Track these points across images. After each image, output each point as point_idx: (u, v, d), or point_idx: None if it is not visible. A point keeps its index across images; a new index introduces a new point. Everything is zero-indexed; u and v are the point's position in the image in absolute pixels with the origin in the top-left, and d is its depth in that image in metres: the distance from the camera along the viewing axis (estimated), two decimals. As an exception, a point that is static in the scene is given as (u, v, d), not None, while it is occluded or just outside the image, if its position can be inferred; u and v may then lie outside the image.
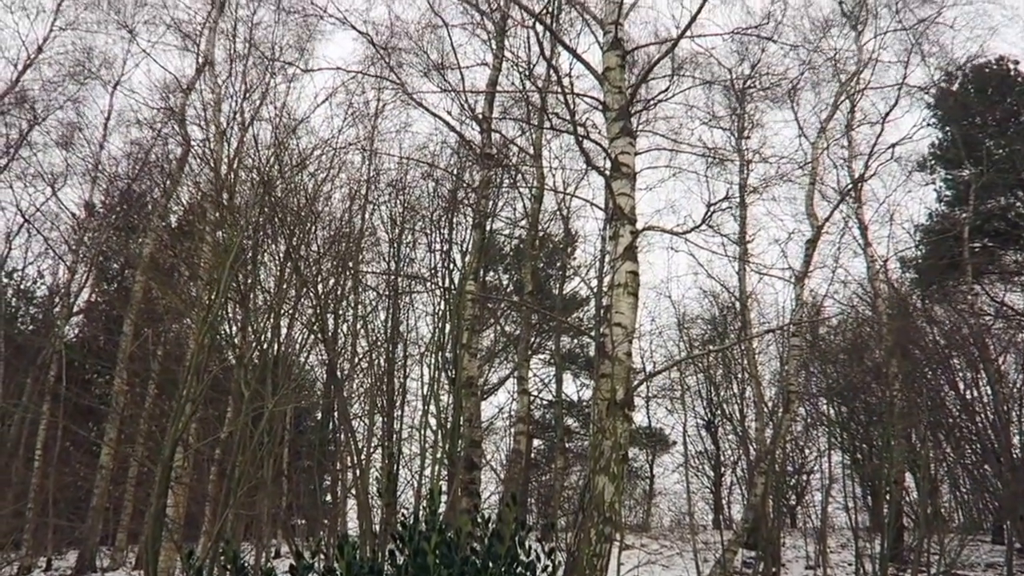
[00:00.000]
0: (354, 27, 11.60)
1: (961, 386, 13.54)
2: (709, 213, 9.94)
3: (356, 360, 13.26)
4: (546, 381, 21.07)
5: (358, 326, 13.43)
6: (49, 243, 18.66)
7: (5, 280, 20.12)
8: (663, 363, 18.19)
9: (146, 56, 17.59)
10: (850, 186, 16.59)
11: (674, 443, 22.09)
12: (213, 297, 9.69)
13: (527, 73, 12.34)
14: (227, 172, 12.91)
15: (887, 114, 16.77)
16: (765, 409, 15.90)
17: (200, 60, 16.66)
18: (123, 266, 19.68)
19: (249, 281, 11.24)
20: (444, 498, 11.07)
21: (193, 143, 14.90)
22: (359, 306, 13.34)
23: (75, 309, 19.03)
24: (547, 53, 10.72)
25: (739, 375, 16.24)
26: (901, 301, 17.09)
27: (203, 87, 16.33)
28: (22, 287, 20.66)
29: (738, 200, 15.97)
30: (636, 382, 10.18)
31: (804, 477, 17.63)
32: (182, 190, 14.72)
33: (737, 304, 17.04)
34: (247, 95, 13.48)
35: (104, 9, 18.05)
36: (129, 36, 18.10)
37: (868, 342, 15.73)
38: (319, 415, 16.03)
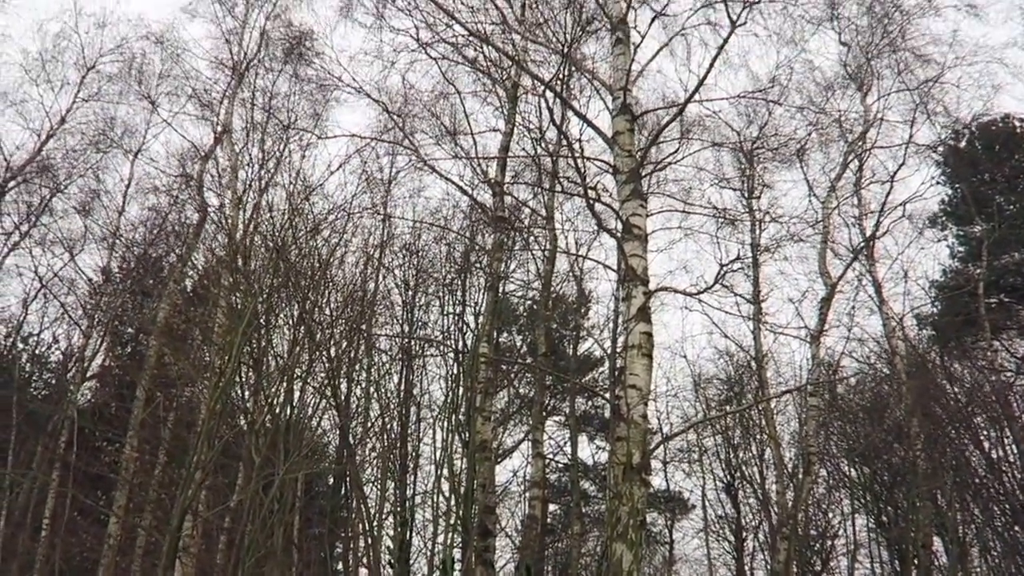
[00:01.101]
0: (369, 95, 11.89)
1: (986, 445, 13.23)
2: (722, 273, 9.91)
3: (369, 424, 13.16)
4: (561, 444, 20.77)
5: (371, 390, 13.37)
6: (65, 308, 18.81)
7: (20, 346, 20.26)
8: (680, 425, 17.93)
9: (166, 126, 18.07)
10: (862, 244, 16.59)
11: (693, 507, 21.62)
12: (226, 362, 9.70)
13: (538, 138, 12.56)
14: (242, 237, 13.09)
15: (896, 172, 16.86)
16: (785, 471, 15.57)
17: (218, 129, 17.08)
18: (137, 331, 19.78)
19: (262, 345, 11.26)
20: (458, 567, 10.80)
21: (209, 209, 15.16)
22: (372, 370, 13.31)
23: (88, 374, 19.06)
24: (557, 119, 10.92)
25: (758, 436, 15.97)
26: (919, 359, 16.87)
27: (221, 155, 16.73)
28: (37, 352, 20.77)
29: (750, 260, 15.98)
30: (653, 445, 10.00)
31: (829, 542, 17.12)
32: (198, 255, 14.90)
33: (753, 364, 16.87)
34: (263, 162, 13.75)
35: (127, 81, 18.67)
36: (151, 106, 18.63)
37: (888, 401, 15.48)
38: (331, 481, 15.80)
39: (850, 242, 17.18)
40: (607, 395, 15.63)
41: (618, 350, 14.47)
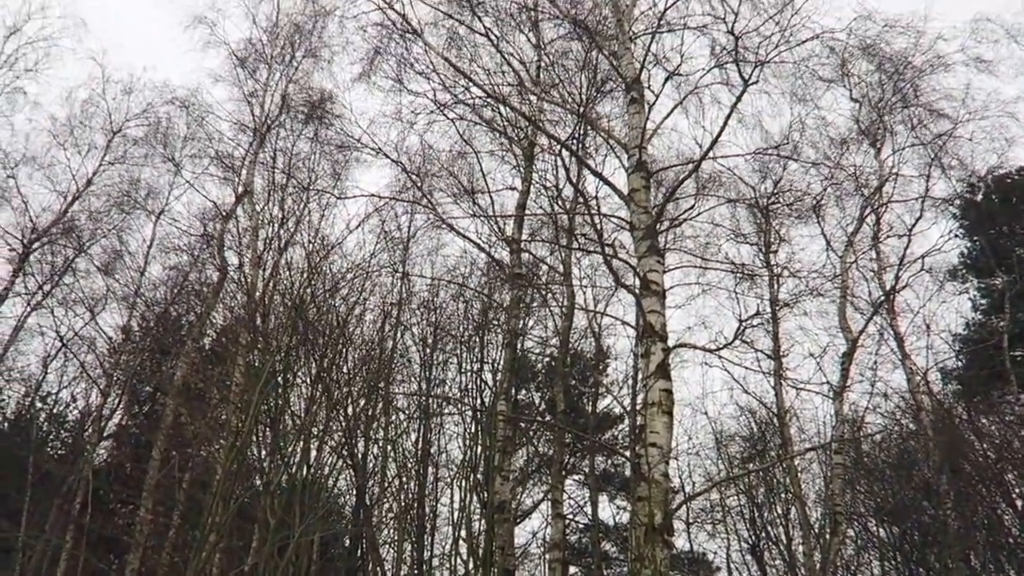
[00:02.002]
0: (388, 156, 12.11)
1: (1019, 503, 12.82)
2: (741, 329, 9.84)
3: (386, 484, 12.99)
4: (581, 504, 20.37)
5: (388, 449, 13.24)
6: (84, 367, 18.91)
7: (39, 405, 20.32)
8: (702, 484, 17.56)
9: (189, 187, 18.45)
10: (882, 298, 16.44)
11: (718, 569, 20.98)
12: (243, 422, 9.67)
13: (555, 196, 12.68)
14: (261, 296, 13.19)
15: (913, 226, 16.81)
16: (812, 531, 15.14)
17: (240, 189, 17.40)
18: (155, 390, 19.81)
19: (279, 404, 11.22)
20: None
21: (229, 268, 15.31)
22: (389, 428, 13.20)
23: (105, 434, 19.04)
24: (574, 177, 11.04)
25: (783, 495, 15.59)
26: (946, 414, 16.51)
27: (241, 214, 17.01)
28: (54, 412, 20.82)
29: (769, 315, 15.86)
30: (675, 505, 9.78)
31: (859, 606, 16.54)
32: (217, 314, 15.00)
33: (775, 420, 16.58)
34: (283, 221, 13.95)
35: (151, 144, 19.15)
36: (174, 168, 19.05)
37: (915, 458, 15.10)
38: (347, 543, 15.53)
39: (869, 296, 17.03)
40: (627, 453, 15.37)
41: (638, 407, 14.29)
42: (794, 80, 12.87)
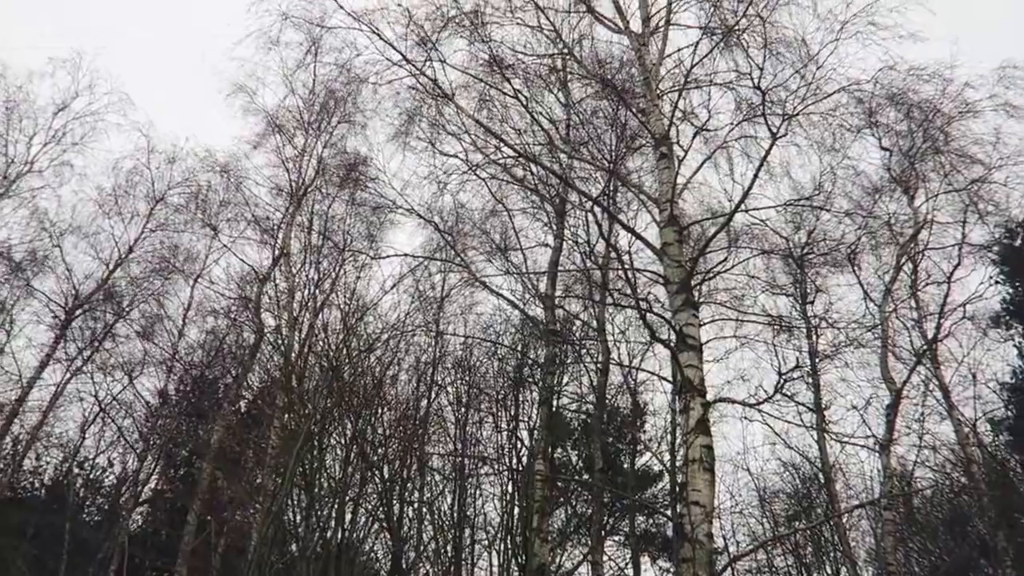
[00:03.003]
0: (421, 216, 12.28)
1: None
2: (782, 382, 9.65)
3: (421, 547, 12.77)
4: (622, 565, 19.77)
5: (424, 511, 13.06)
6: (121, 431, 19.08)
7: (76, 471, 20.47)
8: (748, 544, 16.98)
9: (227, 251, 18.84)
10: (924, 348, 16.05)
11: (765, 634, 20.09)
12: (278, 486, 9.62)
13: (587, 252, 12.70)
14: (297, 357, 13.28)
15: (952, 273, 16.50)
16: (865, 593, 14.51)
17: (276, 252, 17.72)
18: (190, 454, 19.88)
19: (314, 466, 11.17)
20: None
21: (266, 330, 15.48)
22: (424, 489, 13.05)
23: (141, 499, 19.07)
24: (606, 232, 11.08)
25: (832, 554, 15.00)
26: (999, 466, 15.89)
27: (278, 277, 17.27)
28: (91, 477, 20.94)
29: (808, 367, 15.54)
30: (720, 566, 9.46)
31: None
32: (253, 376, 15.11)
33: (821, 476, 16.07)
34: (319, 283, 14.13)
35: (191, 210, 19.68)
36: (212, 233, 19.51)
37: (969, 513, 14.49)
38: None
39: (912, 345, 16.64)
40: (669, 513, 14.98)
41: (678, 464, 13.97)
42: (822, 131, 12.89)
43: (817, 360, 15.62)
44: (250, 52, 22.87)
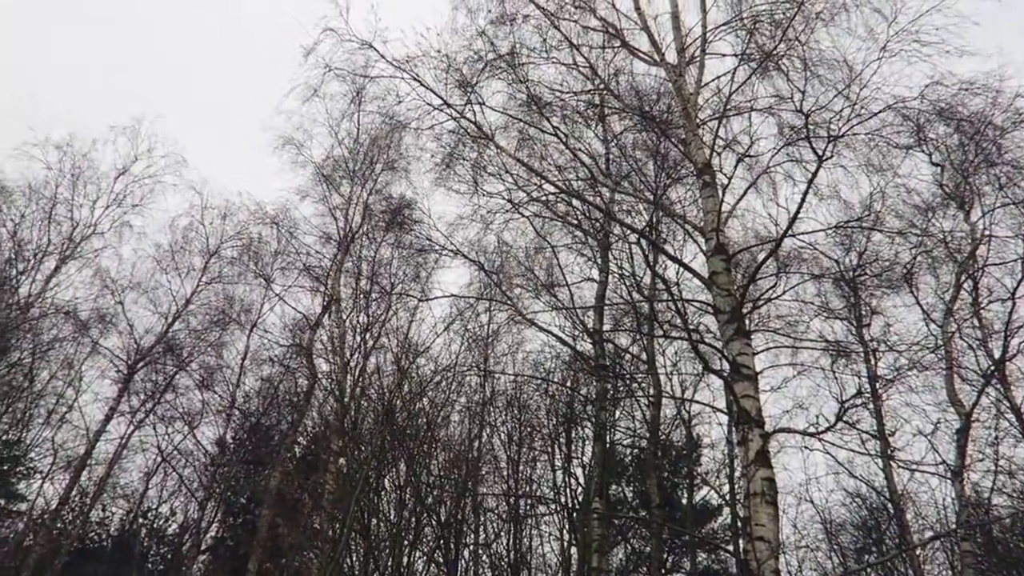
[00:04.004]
0: (467, 257, 12.38)
1: None
2: (843, 410, 9.36)
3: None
4: (684, 604, 19.21)
5: (480, 552, 12.94)
6: (183, 480, 19.49)
7: (140, 520, 20.90)
8: (816, 580, 16.33)
9: (280, 300, 19.31)
10: (992, 368, 15.40)
11: (841, 675, 19.19)
12: (337, 531, 9.66)
13: (634, 285, 12.62)
14: (349, 400, 13.42)
15: (1016, 289, 15.84)
16: (946, 630, 13.78)
17: (326, 298, 18.07)
18: (249, 501, 20.13)
19: (371, 510, 11.19)
20: None
21: (319, 376, 15.72)
22: (480, 531, 12.95)
23: (203, 547, 19.34)
24: (652, 264, 11.02)
25: (907, 589, 14.33)
26: (1083, 491, 15.05)
27: (329, 322, 17.59)
28: (155, 526, 21.35)
29: (869, 393, 15.04)
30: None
31: None
32: (308, 420, 15.31)
33: (890, 506, 15.44)
34: (369, 327, 14.32)
35: (245, 262, 20.30)
36: (265, 283, 20.04)
37: (1054, 542, 13.72)
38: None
39: (978, 366, 15.98)
40: (731, 548, 14.55)
41: (738, 498, 13.60)
42: (868, 150, 12.66)
43: (878, 385, 15.11)
44: (296, 104, 23.65)
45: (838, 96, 9.51)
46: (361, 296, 15.57)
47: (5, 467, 17.30)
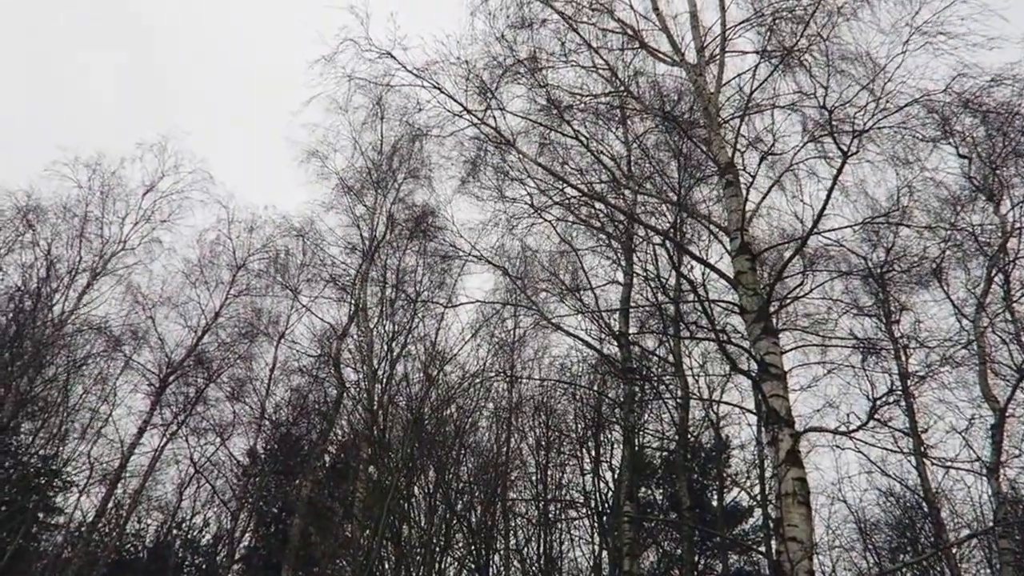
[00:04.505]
0: (490, 262, 12.43)
1: None
2: (875, 408, 9.26)
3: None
4: (717, 607, 19.02)
5: (510, 557, 12.95)
6: (215, 491, 19.72)
7: (175, 531, 21.16)
8: (851, 580, 16.11)
9: (307, 311, 19.53)
10: (1025, 363, 15.11)
11: (879, 677, 18.88)
12: (369, 539, 9.72)
13: (659, 286, 12.59)
14: (377, 408, 13.51)
15: (1048, 281, 15.57)
16: (987, 630, 13.52)
17: (352, 308, 18.22)
18: (280, 510, 20.31)
19: (402, 516, 11.25)
20: None
21: (347, 384, 15.84)
22: (510, 536, 12.96)
23: (236, 556, 19.53)
24: (677, 265, 10.98)
25: (945, 589, 14.09)
26: (1125, 486, 14.72)
27: (356, 331, 17.73)
28: (189, 536, 21.61)
29: (900, 390, 14.83)
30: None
31: None
32: (337, 430, 15.43)
33: (924, 504, 15.20)
34: (395, 335, 14.42)
35: (271, 274, 20.55)
36: (292, 295, 20.26)
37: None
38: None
39: (1012, 361, 15.69)
40: (763, 550, 14.41)
41: (769, 499, 13.47)
42: (894, 144, 12.52)
43: (909, 382, 14.89)
44: (319, 116, 23.94)
45: (862, 91, 9.43)
46: (387, 305, 15.68)
47: (43, 481, 17.60)
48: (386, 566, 11.22)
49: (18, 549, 15.70)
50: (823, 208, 9.19)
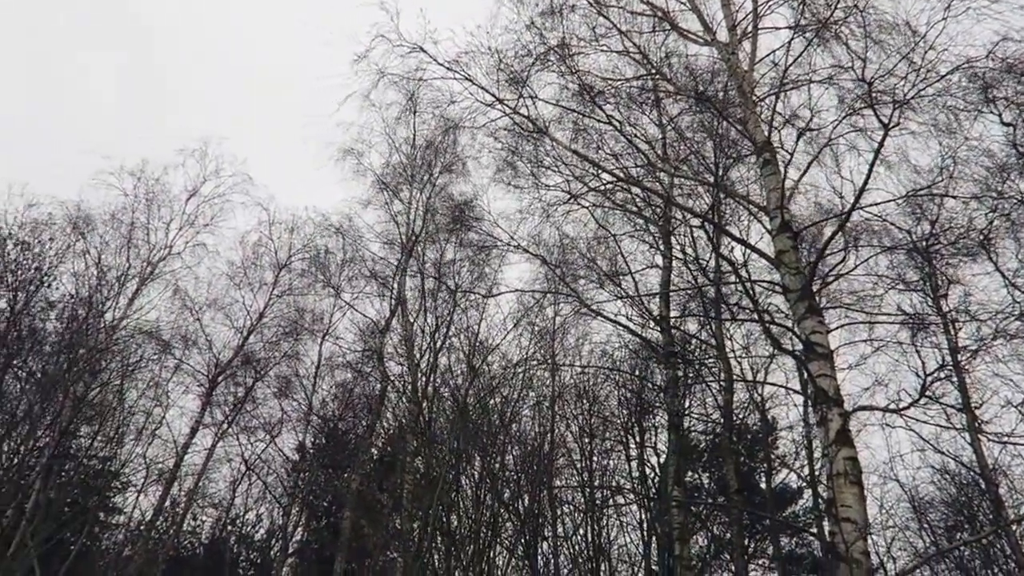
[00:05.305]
0: (527, 251, 12.45)
1: None
2: (927, 385, 9.08)
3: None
4: (770, 590, 18.89)
5: (558, 544, 13.00)
6: (267, 487, 20.14)
7: (229, 528, 21.69)
8: (906, 561, 15.84)
9: (349, 308, 19.79)
10: (1083, 333, 14.63)
11: (939, 657, 18.55)
12: (421, 530, 9.85)
13: (699, 268, 12.48)
14: (422, 400, 13.66)
15: (1103, 248, 15.04)
16: (1050, 608, 13.17)
17: (393, 302, 18.42)
18: (330, 504, 20.66)
19: (450, 506, 11.37)
20: None
21: (391, 377, 16.04)
22: (558, 524, 13.01)
23: (290, 550, 19.93)
24: (716, 246, 10.88)
25: (1004, 566, 13.77)
26: None
27: (397, 325, 17.93)
28: (243, 532, 22.12)
29: (952, 365, 14.49)
30: (882, 586, 8.92)
31: None
32: (383, 423, 15.63)
33: (981, 481, 14.86)
34: (437, 328, 14.53)
35: (313, 274, 20.87)
36: (334, 293, 20.55)
37: None
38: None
39: (1067, 331, 15.21)
40: (814, 530, 14.24)
41: (819, 479, 13.30)
42: (937, 112, 12.19)
43: (960, 357, 14.54)
44: (353, 114, 24.17)
45: (902, 61, 9.21)
46: (427, 297, 15.82)
47: (102, 482, 18.16)
48: (436, 557, 11.35)
49: (82, 548, 16.23)
50: (865, 183, 9.03)
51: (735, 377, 13.93)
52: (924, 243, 15.10)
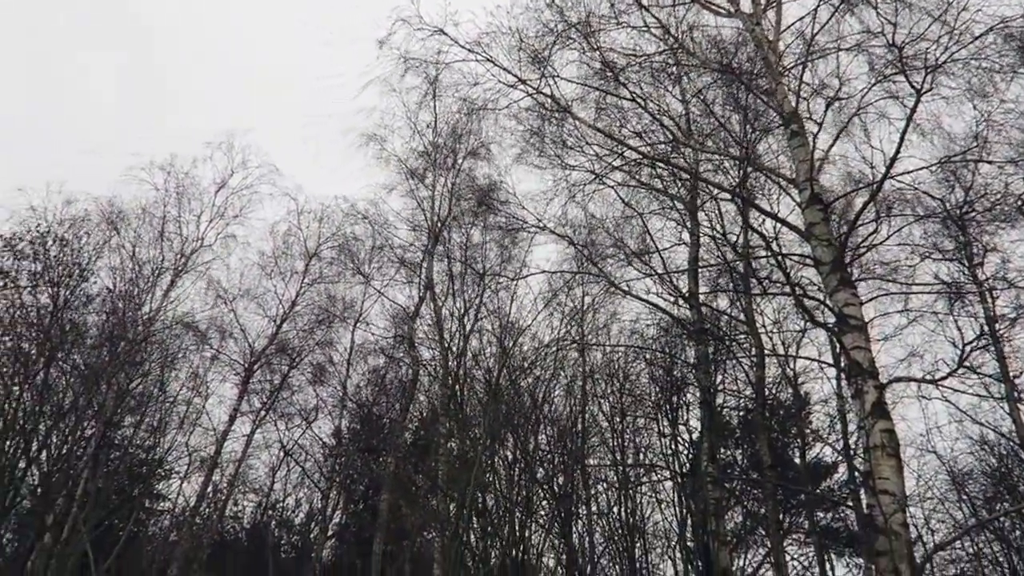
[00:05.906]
0: (553, 232, 12.44)
1: None
2: (965, 355, 8.97)
3: (595, 559, 12.80)
4: (807, 564, 18.81)
5: (592, 522, 13.10)
6: (305, 472, 20.51)
7: (270, 512, 22.16)
8: (946, 533, 15.69)
9: (380, 295, 19.97)
10: (1126, 297, 14.27)
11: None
12: (458, 511, 9.99)
13: (727, 243, 12.38)
14: (454, 382, 13.78)
15: None
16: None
17: (422, 287, 18.54)
18: (366, 488, 20.98)
19: (485, 487, 11.50)
20: None
21: (423, 361, 16.20)
22: (592, 502, 13.10)
23: (329, 533, 20.30)
24: (746, 220, 10.77)
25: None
26: None
27: (427, 311, 18.06)
28: (283, 516, 22.59)
29: (990, 335, 14.25)
30: (920, 558, 8.84)
31: None
32: (416, 407, 15.81)
33: (1021, 451, 14.65)
34: (466, 311, 14.62)
35: (343, 261, 21.07)
36: (364, 281, 20.73)
37: None
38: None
39: (1111, 297, 14.84)
40: (850, 503, 14.15)
41: (855, 452, 13.19)
42: (970, 75, 11.89)
43: (998, 326, 14.28)
44: (374, 99, 24.18)
45: (934, 23, 8.99)
46: (456, 281, 15.90)
47: (146, 470, 18.64)
48: (472, 537, 11.51)
49: (130, 534, 16.71)
50: (897, 151, 8.87)
51: (766, 352, 13.84)
52: (959, 211, 14.80)
